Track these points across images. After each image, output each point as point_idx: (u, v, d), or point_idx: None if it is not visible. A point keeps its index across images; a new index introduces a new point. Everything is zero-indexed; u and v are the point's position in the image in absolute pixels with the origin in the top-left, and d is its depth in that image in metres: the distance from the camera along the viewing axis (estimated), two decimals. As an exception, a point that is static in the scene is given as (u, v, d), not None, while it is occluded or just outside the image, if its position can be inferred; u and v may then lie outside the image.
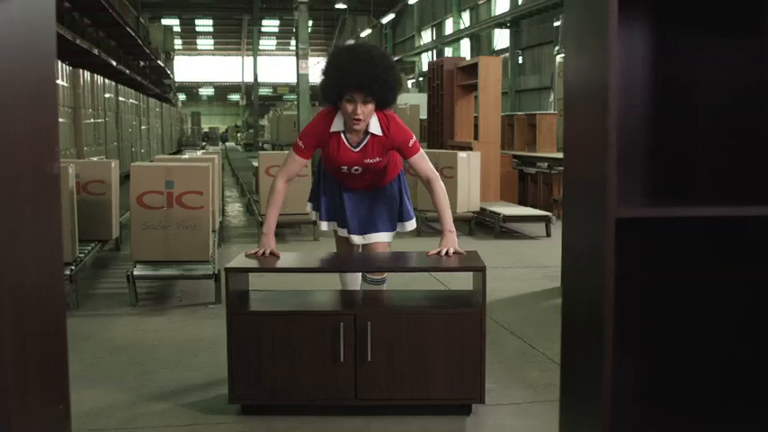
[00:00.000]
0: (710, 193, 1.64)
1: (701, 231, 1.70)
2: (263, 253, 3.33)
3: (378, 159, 3.51)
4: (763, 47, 1.55)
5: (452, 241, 3.40)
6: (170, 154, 18.02)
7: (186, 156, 8.38)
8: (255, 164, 10.12)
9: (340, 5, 36.92)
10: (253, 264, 3.23)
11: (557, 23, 18.26)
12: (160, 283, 5.60)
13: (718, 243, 1.70)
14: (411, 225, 3.74)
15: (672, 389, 1.73)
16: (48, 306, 1.62)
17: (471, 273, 3.28)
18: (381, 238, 3.64)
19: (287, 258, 3.52)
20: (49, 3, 1.58)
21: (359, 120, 3.36)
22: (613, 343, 1.47)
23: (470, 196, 8.85)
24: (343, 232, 3.69)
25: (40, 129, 1.58)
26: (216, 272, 5.12)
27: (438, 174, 3.59)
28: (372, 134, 3.46)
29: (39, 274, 1.57)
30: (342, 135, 3.49)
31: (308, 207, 3.94)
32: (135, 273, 5.07)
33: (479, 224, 8.76)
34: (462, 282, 3.98)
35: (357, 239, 3.65)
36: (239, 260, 3.23)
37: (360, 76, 3.27)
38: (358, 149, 3.49)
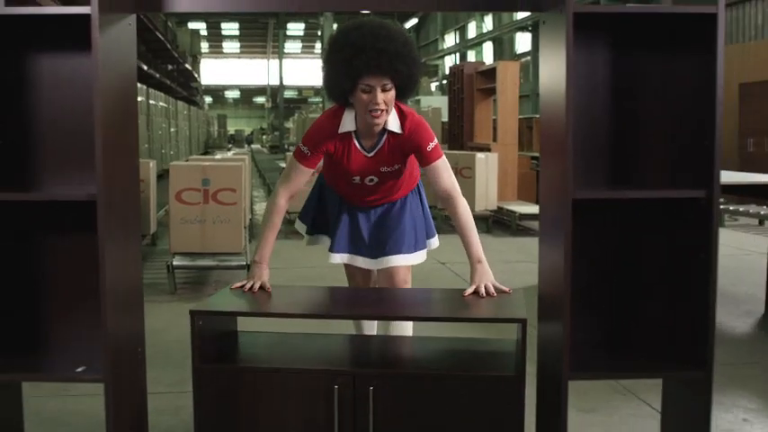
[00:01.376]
0: (653, 181, 2.04)
1: (658, 211, 2.10)
2: (252, 286, 2.66)
3: (396, 167, 2.87)
4: (702, 63, 1.94)
5: (487, 274, 2.65)
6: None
7: (218, 156, 8.87)
8: (282, 165, 10.60)
9: (364, 9, 37.34)
10: (230, 305, 2.54)
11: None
12: (196, 273, 6.07)
13: (666, 223, 2.10)
14: (435, 243, 3.15)
15: (626, 337, 2.13)
16: (130, 293, 2.04)
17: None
18: (401, 261, 2.99)
19: (278, 296, 2.71)
20: (132, 58, 2.02)
21: (379, 111, 2.66)
22: (572, 297, 1.88)
23: (488, 195, 9.25)
24: (356, 260, 3.02)
25: (129, 140, 2.01)
26: (248, 263, 5.58)
27: (458, 186, 2.88)
28: (390, 132, 2.80)
29: (123, 267, 1.99)
30: (353, 137, 2.83)
31: (302, 231, 3.19)
32: (174, 263, 5.53)
33: (497, 222, 9.14)
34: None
35: (370, 264, 3.01)
36: (221, 296, 2.62)
37: (378, 52, 2.57)
38: (372, 154, 2.85)
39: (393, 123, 2.75)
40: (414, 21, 37.86)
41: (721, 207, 9.83)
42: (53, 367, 2.04)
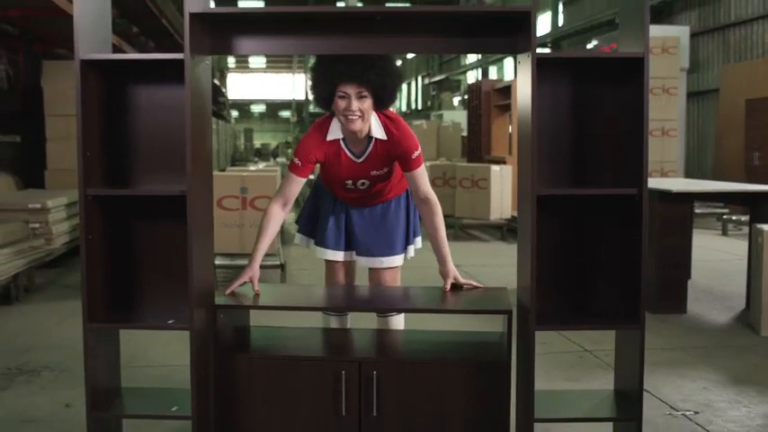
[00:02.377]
0: (603, 181, 2.67)
1: (607, 205, 2.71)
2: (250, 283, 2.99)
3: (385, 170, 3.11)
4: (636, 91, 2.56)
5: (454, 269, 3.07)
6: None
7: (252, 168, 9.59)
8: (312, 176, 11.27)
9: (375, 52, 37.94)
10: (247, 302, 2.89)
11: (589, 45, 19.17)
12: (235, 272, 6.73)
13: (613, 214, 2.72)
14: (419, 242, 3.42)
15: (584, 302, 2.75)
16: (205, 266, 2.68)
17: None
18: (395, 261, 3.28)
19: (287, 293, 3.21)
20: (208, 86, 2.67)
21: (353, 117, 2.87)
22: (538, 271, 2.51)
23: (503, 205, 9.86)
24: (344, 256, 3.31)
25: (206, 150, 2.66)
26: (282, 262, 6.25)
27: (433, 194, 3.15)
28: (377, 139, 3.01)
29: (202, 245, 2.64)
30: (342, 144, 3.04)
31: (297, 239, 3.47)
32: (216, 262, 6.21)
33: (511, 230, 9.73)
34: (501, 281, 3.68)
35: (363, 262, 3.30)
36: (238, 293, 2.95)
37: (354, 61, 2.80)
38: (362, 159, 3.05)
39: (377, 131, 2.99)
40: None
41: (724, 217, 10.36)
42: (149, 318, 2.71)
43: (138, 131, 2.72)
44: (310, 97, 3.09)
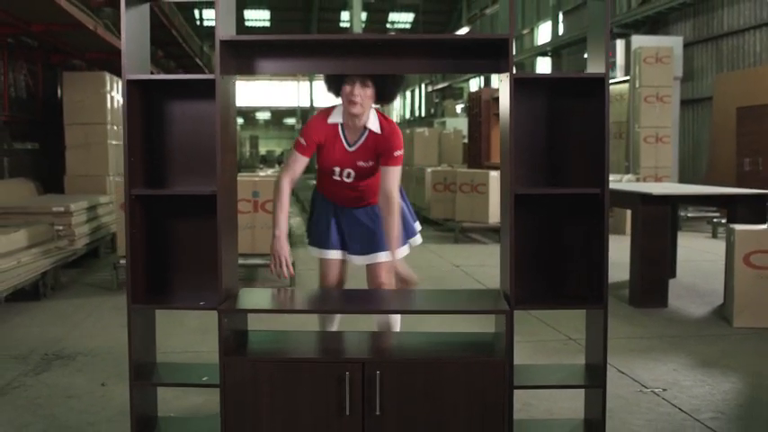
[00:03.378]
0: (573, 182, 3.10)
1: (577, 203, 3.14)
2: (279, 264, 3.46)
3: (371, 163, 3.52)
4: (599, 105, 2.99)
5: (396, 261, 3.60)
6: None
7: (262, 173, 10.04)
8: (313, 182, 11.71)
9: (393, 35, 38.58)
10: (252, 304, 3.12)
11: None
12: (247, 270, 7.18)
13: (582, 211, 3.14)
14: (418, 239, 3.83)
15: (558, 287, 3.18)
16: (232, 256, 3.11)
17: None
18: (383, 258, 3.63)
19: (289, 297, 3.45)
20: (234, 100, 3.10)
21: (355, 102, 3.35)
22: (517, 259, 2.94)
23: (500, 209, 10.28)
24: (339, 255, 3.70)
25: (232, 155, 3.09)
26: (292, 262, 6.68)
27: (398, 194, 3.54)
28: (371, 131, 3.48)
29: (229, 238, 3.07)
30: (339, 130, 3.49)
31: (310, 250, 3.82)
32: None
33: (508, 233, 10.16)
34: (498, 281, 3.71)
35: (358, 260, 3.68)
36: (241, 297, 3.14)
37: None
38: (353, 149, 3.50)
39: (373, 124, 3.47)
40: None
41: (714, 220, 10.77)
42: (182, 301, 3.14)
43: (173, 140, 3.15)
44: (323, 86, 3.56)
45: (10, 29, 8.61)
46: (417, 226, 3.88)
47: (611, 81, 13.33)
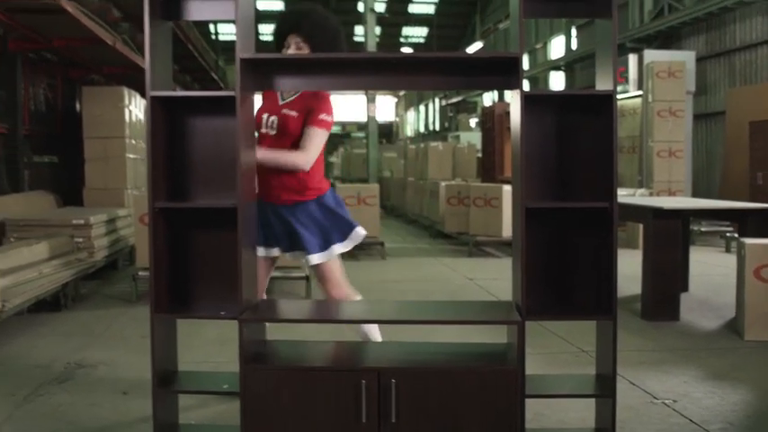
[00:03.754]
0: (582, 196, 3.18)
1: (587, 216, 3.22)
2: None
3: (294, 114, 3.63)
4: (608, 120, 3.08)
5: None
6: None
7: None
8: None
9: (407, 49, 38.88)
10: (272, 314, 3.27)
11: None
12: (263, 282, 7.28)
13: (592, 224, 3.23)
14: (361, 232, 3.76)
15: (568, 298, 3.26)
16: (251, 268, 3.21)
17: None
18: (315, 260, 3.70)
19: (303, 308, 3.58)
20: (252, 115, 3.21)
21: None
22: (528, 270, 3.02)
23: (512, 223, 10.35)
24: (270, 252, 3.80)
25: (252, 169, 3.19)
26: (307, 274, 6.78)
27: (310, 162, 3.61)
28: (304, 91, 3.65)
29: (248, 249, 3.17)
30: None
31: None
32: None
33: (521, 246, 10.21)
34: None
35: (288, 256, 3.83)
36: (261, 305, 3.26)
37: (293, 14, 3.64)
38: (284, 102, 3.70)
39: None
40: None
41: (728, 235, 10.80)
42: (203, 311, 3.24)
43: (194, 153, 3.25)
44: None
45: (32, 44, 8.78)
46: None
47: (623, 96, 13.41)
